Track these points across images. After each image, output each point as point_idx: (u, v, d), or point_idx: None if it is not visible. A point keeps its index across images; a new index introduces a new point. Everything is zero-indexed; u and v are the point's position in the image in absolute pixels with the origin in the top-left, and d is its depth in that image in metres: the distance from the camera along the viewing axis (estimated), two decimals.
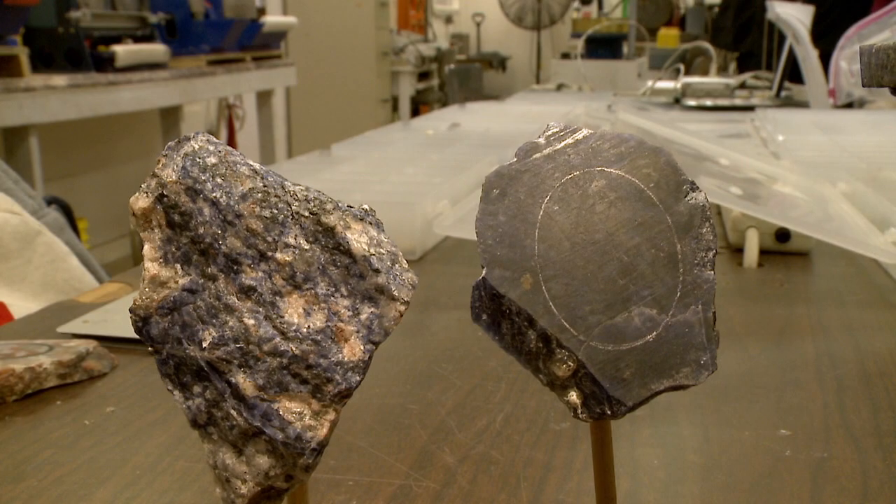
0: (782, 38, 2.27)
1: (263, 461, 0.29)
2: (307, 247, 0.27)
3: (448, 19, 7.10)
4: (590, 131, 0.27)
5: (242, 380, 0.28)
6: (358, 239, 0.27)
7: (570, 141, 0.26)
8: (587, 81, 2.46)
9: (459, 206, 0.88)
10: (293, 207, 0.28)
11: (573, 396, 0.25)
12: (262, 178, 0.28)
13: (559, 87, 2.46)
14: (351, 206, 0.28)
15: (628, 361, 0.24)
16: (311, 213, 0.27)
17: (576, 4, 3.15)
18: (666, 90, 2.43)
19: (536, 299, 0.25)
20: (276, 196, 0.28)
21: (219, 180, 0.28)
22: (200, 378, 0.29)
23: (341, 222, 0.27)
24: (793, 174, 0.98)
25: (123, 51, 2.45)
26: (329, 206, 0.27)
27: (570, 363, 0.25)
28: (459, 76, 4.27)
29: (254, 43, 3.42)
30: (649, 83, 2.56)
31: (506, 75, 6.82)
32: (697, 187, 0.25)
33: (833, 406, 0.53)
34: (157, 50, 2.62)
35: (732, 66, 4.06)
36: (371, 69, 4.64)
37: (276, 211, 0.28)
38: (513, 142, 1.23)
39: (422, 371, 0.58)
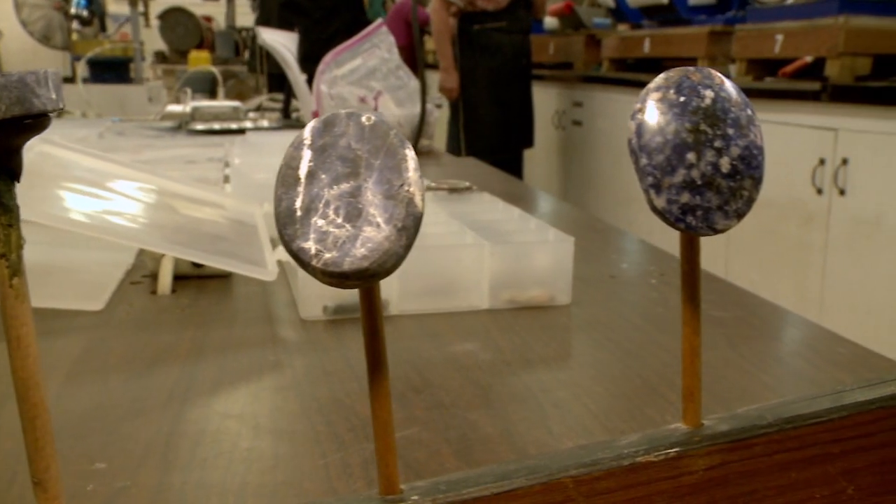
0: None
1: None
2: None
3: None
4: None
5: None
6: None
7: None
8: (92, 107, 2.36)
9: None
10: None
11: None
12: None
13: (60, 114, 2.33)
14: None
15: None
16: None
17: (76, 25, 3.01)
18: (178, 114, 2.41)
19: None
20: None
21: None
22: None
23: None
24: (227, 198, 1.01)
25: None
26: None
27: None
28: None
29: None
30: (170, 108, 2.53)
31: None
32: None
33: (155, 431, 0.54)
34: None
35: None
36: None
37: None
38: None
39: None
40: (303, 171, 0.26)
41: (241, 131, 1.94)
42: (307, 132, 0.27)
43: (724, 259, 2.90)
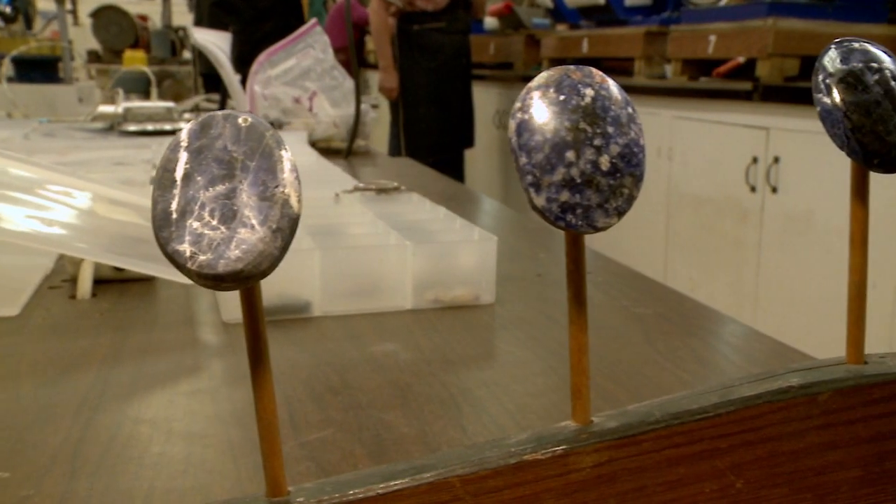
0: None
1: None
2: None
3: None
4: None
5: None
6: None
7: None
8: (18, 107, 2.31)
9: None
10: None
11: None
12: None
13: None
14: None
15: None
16: None
17: None
18: (110, 115, 2.36)
19: None
20: None
21: None
22: None
23: None
24: (145, 198, 1.00)
25: None
26: None
27: None
28: None
29: None
30: (102, 108, 2.48)
31: None
32: None
33: (64, 437, 0.53)
34: None
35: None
36: None
37: None
38: None
39: None
40: (179, 174, 0.26)
41: (174, 132, 1.91)
42: (184, 134, 0.26)
43: (664, 258, 2.94)
